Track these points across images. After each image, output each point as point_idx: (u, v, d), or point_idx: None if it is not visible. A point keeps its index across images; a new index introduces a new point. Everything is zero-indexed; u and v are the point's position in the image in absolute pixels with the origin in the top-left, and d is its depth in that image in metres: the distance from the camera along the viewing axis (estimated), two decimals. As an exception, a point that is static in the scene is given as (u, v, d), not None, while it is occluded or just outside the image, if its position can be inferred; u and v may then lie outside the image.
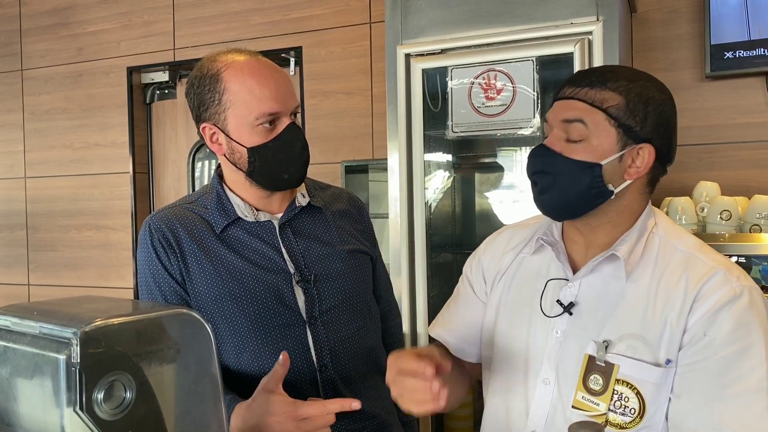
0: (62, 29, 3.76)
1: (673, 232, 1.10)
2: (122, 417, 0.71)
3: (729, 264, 1.05)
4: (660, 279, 1.05)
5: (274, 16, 3.26)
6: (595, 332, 1.07)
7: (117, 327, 0.72)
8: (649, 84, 1.08)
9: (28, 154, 3.90)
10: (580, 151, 1.04)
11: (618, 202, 1.07)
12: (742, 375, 0.97)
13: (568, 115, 1.06)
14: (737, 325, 0.98)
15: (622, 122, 1.04)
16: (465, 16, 2.26)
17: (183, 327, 0.78)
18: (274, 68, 1.32)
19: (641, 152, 1.06)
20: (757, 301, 1.01)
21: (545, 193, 1.08)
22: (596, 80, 1.05)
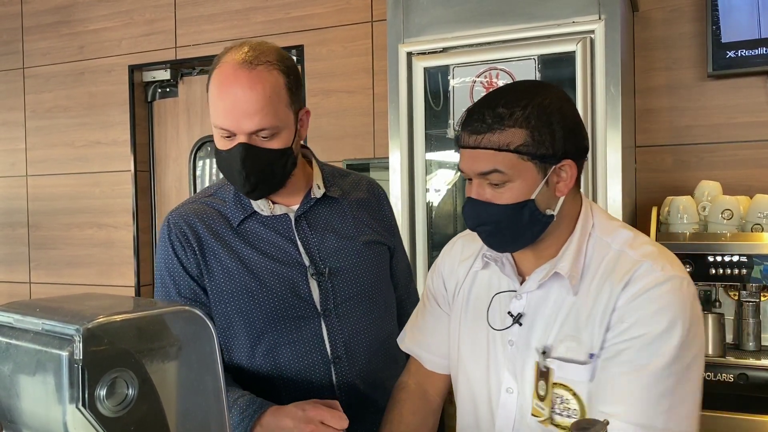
0: (64, 27, 3.76)
1: (608, 229, 1.12)
2: (124, 414, 0.71)
3: (657, 255, 1.06)
4: (593, 279, 1.08)
5: (275, 15, 3.26)
6: (542, 340, 1.11)
7: (119, 324, 0.72)
8: (542, 96, 1.06)
9: (29, 153, 3.90)
10: (507, 195, 1.05)
11: (558, 217, 1.10)
12: (653, 357, 1.00)
13: (481, 167, 1.06)
14: (657, 309, 1.01)
15: (536, 154, 1.04)
16: (467, 14, 2.25)
17: (185, 324, 0.78)
18: (243, 84, 1.21)
19: (563, 168, 1.07)
20: (682, 288, 1.03)
21: (492, 239, 1.11)
22: (493, 122, 1.04)
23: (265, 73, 1.22)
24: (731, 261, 2.09)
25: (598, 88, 2.09)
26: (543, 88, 1.10)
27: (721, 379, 2.03)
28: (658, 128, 2.60)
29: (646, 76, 2.60)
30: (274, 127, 1.24)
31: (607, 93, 2.08)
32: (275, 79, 1.23)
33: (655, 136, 2.60)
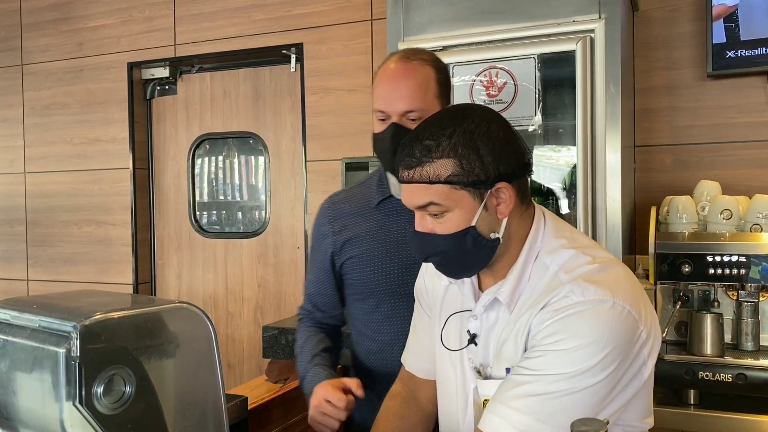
0: (63, 24, 3.75)
1: (551, 248, 1.11)
2: (122, 411, 0.70)
3: (587, 279, 1.04)
4: (526, 300, 1.09)
5: (275, 13, 3.25)
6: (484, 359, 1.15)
7: (117, 321, 0.72)
8: (467, 121, 1.06)
9: (28, 150, 3.90)
10: (448, 224, 1.07)
11: (506, 238, 1.10)
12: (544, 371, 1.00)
13: (417, 201, 1.07)
14: (564, 332, 1.00)
15: (467, 182, 1.04)
16: (467, 13, 2.25)
17: (183, 321, 0.78)
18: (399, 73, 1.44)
19: (500, 191, 1.07)
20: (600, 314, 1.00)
21: (444, 267, 1.13)
22: (422, 155, 1.04)
23: (419, 66, 1.44)
24: (730, 261, 2.08)
25: (598, 88, 2.09)
26: (470, 112, 1.09)
27: (719, 379, 2.03)
28: (657, 128, 2.60)
29: (646, 75, 2.60)
30: (422, 110, 1.39)
31: (607, 92, 2.08)
32: (427, 72, 1.44)
33: (654, 135, 2.60)
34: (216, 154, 3.66)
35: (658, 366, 2.14)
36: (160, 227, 3.72)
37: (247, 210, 3.63)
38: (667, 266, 2.17)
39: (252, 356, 3.50)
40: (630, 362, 1.03)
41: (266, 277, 3.46)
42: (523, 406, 1.00)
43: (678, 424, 2.09)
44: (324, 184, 3.17)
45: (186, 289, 3.66)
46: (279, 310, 3.42)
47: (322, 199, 3.18)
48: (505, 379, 1.06)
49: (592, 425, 0.69)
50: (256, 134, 3.48)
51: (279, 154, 3.43)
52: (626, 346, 1.01)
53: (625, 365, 1.02)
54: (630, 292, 1.05)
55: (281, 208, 3.44)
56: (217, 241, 3.60)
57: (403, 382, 1.37)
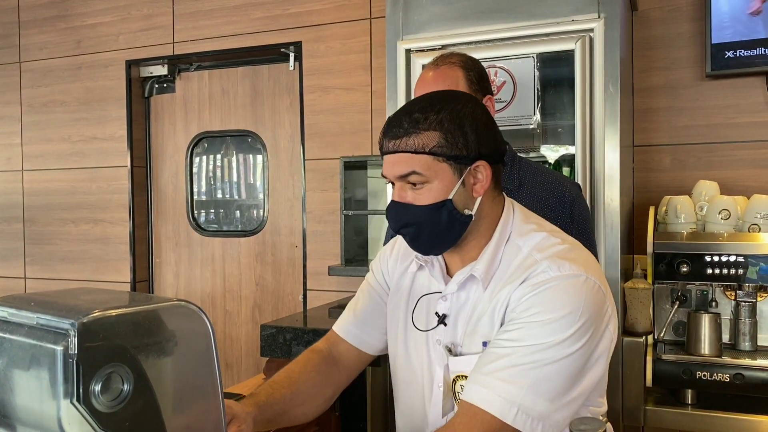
0: (61, 22, 3.74)
1: (522, 231, 1.18)
2: (119, 409, 0.70)
3: (559, 256, 1.11)
4: (500, 279, 1.15)
5: (273, 11, 3.25)
6: (455, 338, 1.19)
7: (115, 319, 0.71)
8: (454, 102, 1.13)
9: (25, 147, 3.89)
10: (426, 195, 1.12)
11: (477, 218, 1.15)
12: (528, 339, 1.05)
13: (400, 170, 1.12)
14: (547, 303, 1.06)
15: (450, 155, 1.10)
16: (466, 12, 2.25)
17: (181, 319, 0.77)
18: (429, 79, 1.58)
19: (478, 169, 1.13)
20: (576, 286, 1.07)
21: (416, 242, 1.18)
22: (410, 126, 1.11)
23: (446, 70, 1.58)
24: (728, 261, 2.09)
25: (597, 87, 2.09)
26: (458, 96, 1.18)
27: (717, 379, 2.03)
28: (656, 128, 2.60)
29: (645, 75, 2.60)
30: None
31: (606, 92, 2.08)
32: (454, 73, 1.57)
33: (653, 135, 2.60)
34: (214, 153, 3.66)
35: (656, 366, 2.16)
36: (158, 225, 3.71)
37: (246, 208, 3.62)
38: (665, 266, 2.17)
39: (249, 355, 3.50)
40: (600, 335, 1.10)
41: (264, 276, 3.46)
42: (507, 375, 1.04)
43: (675, 424, 2.10)
44: (322, 183, 3.17)
45: (184, 287, 3.66)
46: (277, 309, 3.42)
47: (320, 198, 3.21)
48: (485, 352, 1.10)
49: (590, 424, 0.69)
50: (255, 133, 3.47)
51: (277, 153, 3.43)
52: (597, 318, 1.09)
53: (596, 337, 1.09)
54: (598, 270, 1.13)
55: (279, 206, 3.44)
56: (215, 239, 3.59)
57: (329, 343, 1.41)
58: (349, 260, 3.07)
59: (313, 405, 1.34)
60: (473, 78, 1.58)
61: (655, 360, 2.10)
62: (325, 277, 3.10)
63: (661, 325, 2.24)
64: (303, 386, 1.31)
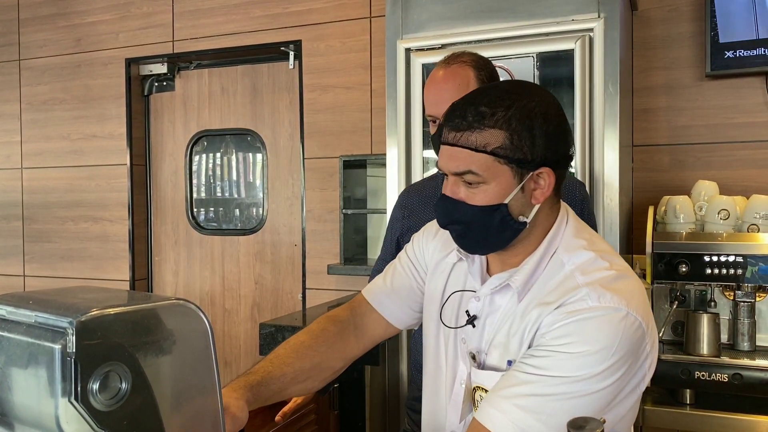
0: (60, 19, 3.74)
1: (571, 247, 1.10)
2: (117, 408, 0.70)
3: (602, 284, 1.02)
4: (537, 294, 1.07)
5: (273, 9, 3.24)
6: (483, 343, 1.13)
7: (113, 317, 0.71)
8: (527, 98, 1.04)
9: (25, 145, 3.88)
10: (480, 196, 1.04)
11: (530, 225, 1.08)
12: (552, 372, 0.98)
13: (456, 166, 1.04)
14: (577, 336, 0.99)
15: (513, 158, 1.02)
16: (466, 11, 2.25)
17: (179, 318, 0.77)
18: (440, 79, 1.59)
19: (541, 175, 1.05)
20: (613, 322, 0.99)
21: (463, 239, 1.11)
22: (474, 120, 1.02)
23: (458, 69, 1.58)
24: (727, 261, 2.09)
25: (597, 87, 2.09)
26: (531, 89, 1.07)
27: (715, 378, 2.03)
28: (655, 128, 2.60)
29: (645, 75, 2.60)
30: None
31: (606, 92, 2.08)
32: (465, 72, 1.57)
33: (652, 135, 2.60)
34: (214, 151, 3.66)
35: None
36: (157, 224, 3.71)
37: (245, 207, 3.62)
38: (664, 266, 2.17)
39: (248, 354, 3.50)
40: (633, 373, 1.03)
41: (263, 275, 3.46)
42: (526, 404, 0.98)
43: (674, 424, 2.10)
44: (321, 182, 3.16)
45: (183, 285, 3.66)
46: (276, 308, 3.42)
47: (319, 197, 3.21)
48: (508, 374, 1.03)
49: (589, 424, 0.69)
50: (254, 131, 3.47)
51: (277, 152, 3.43)
52: (633, 356, 1.01)
53: (629, 375, 1.02)
54: (642, 304, 1.04)
55: (279, 205, 3.43)
56: (215, 238, 3.59)
57: (354, 312, 1.34)
58: (349, 259, 3.07)
59: (318, 379, 1.27)
60: (484, 78, 1.58)
61: (654, 360, 2.10)
62: (324, 275, 3.10)
63: (659, 325, 2.24)
64: (309, 362, 1.24)
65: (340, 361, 1.31)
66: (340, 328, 1.31)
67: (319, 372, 1.27)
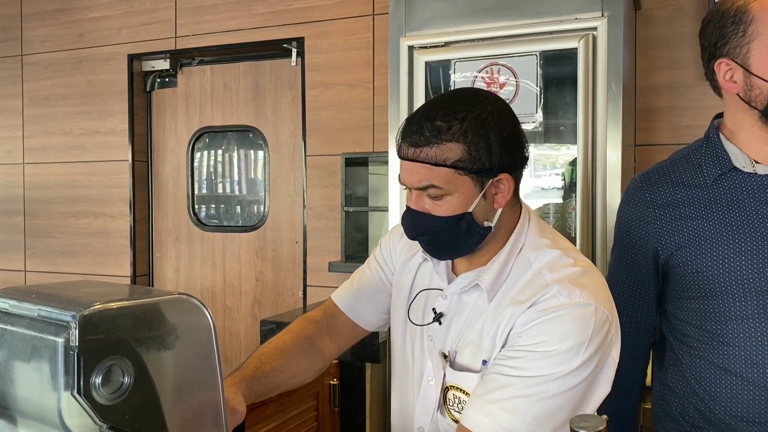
0: (63, 15, 3.74)
1: (537, 245, 1.14)
2: (120, 402, 0.70)
3: (571, 280, 1.07)
4: (506, 293, 1.11)
5: (276, 6, 3.24)
6: (451, 342, 1.17)
7: (116, 311, 0.71)
8: (479, 107, 1.06)
9: (26, 140, 3.88)
10: (445, 207, 1.07)
11: (496, 228, 1.12)
12: (533, 371, 1.02)
13: (418, 181, 1.07)
14: (556, 332, 1.03)
15: (472, 169, 1.05)
16: (469, 9, 2.25)
17: (182, 312, 0.77)
18: None
19: (500, 181, 1.08)
20: (584, 317, 1.04)
21: (432, 248, 1.15)
22: (431, 135, 1.04)
23: None
24: (729, 261, 2.08)
25: (599, 86, 2.09)
26: (482, 98, 1.10)
27: (716, 379, 2.03)
28: (658, 127, 2.59)
29: (648, 74, 2.60)
30: None
31: (608, 91, 2.08)
32: None
33: (655, 135, 2.60)
34: (215, 148, 3.66)
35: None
36: (159, 220, 3.71)
37: (246, 204, 3.62)
38: (665, 266, 2.17)
39: (249, 350, 3.49)
40: (603, 363, 1.08)
41: (264, 272, 3.46)
42: (511, 406, 1.01)
43: (674, 424, 2.10)
44: (323, 179, 3.16)
45: (184, 282, 3.66)
46: (277, 305, 3.42)
47: (321, 194, 3.21)
48: (488, 378, 1.07)
49: (590, 422, 0.69)
50: (256, 128, 3.47)
51: (279, 149, 3.43)
52: (603, 348, 1.06)
53: (599, 366, 1.07)
54: (607, 297, 1.09)
55: (280, 202, 3.43)
56: (216, 234, 3.59)
57: (326, 314, 1.38)
58: (350, 256, 3.07)
59: (301, 378, 1.32)
60: None
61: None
62: (326, 273, 3.10)
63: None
64: (293, 359, 1.28)
65: (320, 361, 1.35)
66: (316, 328, 1.35)
67: (305, 369, 1.32)
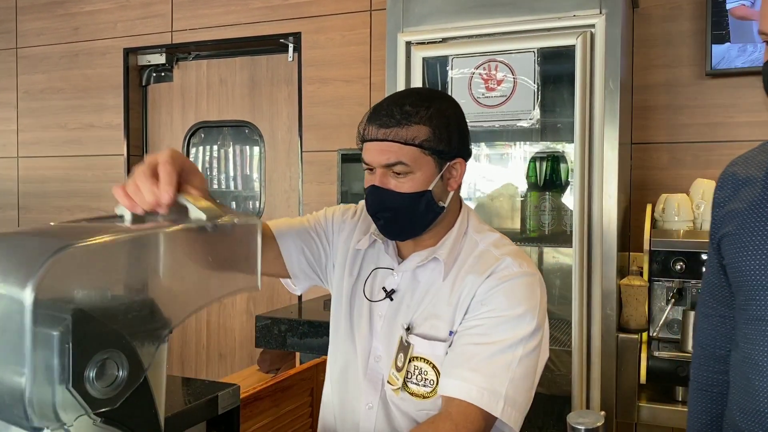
0: (58, 8, 3.72)
1: (478, 228, 1.30)
2: (114, 396, 0.70)
3: (516, 254, 1.24)
4: (460, 269, 1.24)
5: (273, 1, 3.23)
6: (407, 316, 1.25)
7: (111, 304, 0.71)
8: (439, 101, 1.22)
9: (21, 134, 3.87)
10: (409, 184, 1.19)
11: (446, 210, 1.25)
12: (500, 335, 1.16)
13: (387, 159, 1.18)
14: (514, 297, 1.18)
15: (435, 149, 1.19)
16: (467, 4, 2.24)
17: (178, 306, 0.77)
18: None
19: (455, 166, 1.23)
20: (534, 285, 1.21)
21: (391, 225, 1.23)
22: (402, 118, 1.17)
23: None
24: (724, 260, 2.09)
25: (597, 84, 2.08)
26: (441, 95, 1.29)
27: (710, 377, 2.03)
28: (655, 125, 2.60)
29: (645, 73, 2.60)
30: None
31: (606, 88, 2.08)
32: None
33: (651, 133, 2.60)
34: (211, 143, 3.65)
35: (650, 363, 2.16)
36: (154, 215, 3.70)
37: (242, 200, 3.61)
38: (661, 263, 2.17)
39: (243, 346, 3.49)
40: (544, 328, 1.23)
41: (259, 267, 3.45)
42: (489, 371, 1.12)
43: (668, 421, 2.10)
44: (319, 175, 3.16)
45: (178, 277, 3.65)
46: (271, 300, 3.42)
47: (317, 190, 3.21)
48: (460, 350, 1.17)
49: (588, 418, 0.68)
50: (252, 123, 3.46)
51: (274, 144, 3.42)
52: (544, 313, 1.23)
53: (545, 331, 1.23)
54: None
55: (276, 198, 3.43)
56: (211, 230, 3.58)
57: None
58: (345, 253, 3.06)
59: None
60: None
61: (650, 357, 2.11)
62: (321, 269, 3.09)
63: (655, 323, 2.24)
64: None
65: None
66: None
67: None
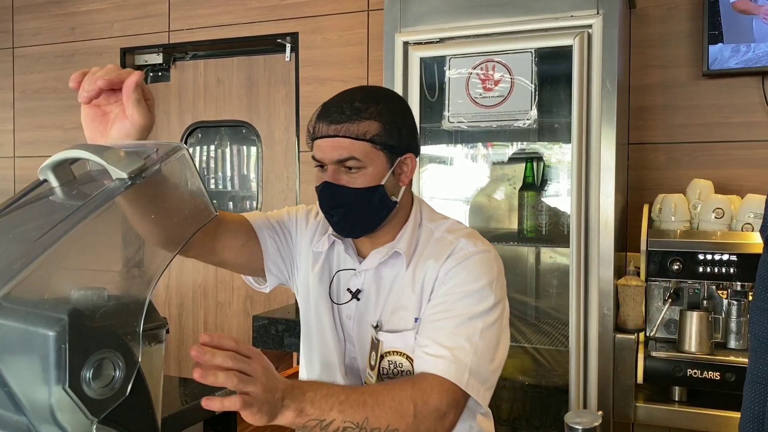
0: (55, 8, 3.71)
1: (432, 217, 1.34)
2: (110, 396, 0.69)
3: (470, 235, 1.29)
4: (419, 257, 1.27)
5: (270, 1, 3.23)
6: (376, 314, 1.27)
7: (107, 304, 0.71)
8: (388, 98, 1.25)
9: (17, 134, 3.86)
10: (361, 180, 1.20)
11: (399, 205, 1.27)
12: (461, 309, 1.19)
13: (339, 155, 1.19)
14: (472, 273, 1.22)
15: (386, 144, 1.20)
16: (465, 5, 2.24)
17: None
18: None
19: (406, 161, 1.25)
20: (489, 260, 1.25)
21: (345, 222, 1.24)
22: (352, 114, 1.18)
23: None
24: (721, 260, 2.09)
25: (594, 84, 2.09)
26: (389, 93, 1.30)
27: (707, 376, 2.04)
28: (651, 126, 2.60)
29: (642, 73, 2.60)
30: None
31: (603, 89, 2.08)
32: None
33: (648, 133, 2.60)
34: (208, 143, 3.64)
35: (647, 363, 2.16)
36: (151, 215, 3.69)
37: (239, 200, 3.61)
38: (658, 264, 2.18)
39: (241, 346, 3.49)
40: (505, 306, 1.27)
41: (257, 268, 3.45)
42: (455, 344, 1.15)
43: (665, 421, 2.11)
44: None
45: (175, 277, 3.64)
46: (269, 300, 3.41)
47: (314, 190, 3.19)
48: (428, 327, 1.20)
49: (586, 417, 0.68)
50: (249, 123, 3.46)
51: (272, 144, 3.42)
52: (503, 287, 1.27)
53: (505, 308, 1.26)
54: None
55: (273, 198, 3.42)
56: (208, 230, 3.58)
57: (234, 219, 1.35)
58: (343, 253, 3.06)
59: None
60: None
61: (646, 357, 2.11)
62: (318, 269, 3.09)
63: (652, 323, 2.24)
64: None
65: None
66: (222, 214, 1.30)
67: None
